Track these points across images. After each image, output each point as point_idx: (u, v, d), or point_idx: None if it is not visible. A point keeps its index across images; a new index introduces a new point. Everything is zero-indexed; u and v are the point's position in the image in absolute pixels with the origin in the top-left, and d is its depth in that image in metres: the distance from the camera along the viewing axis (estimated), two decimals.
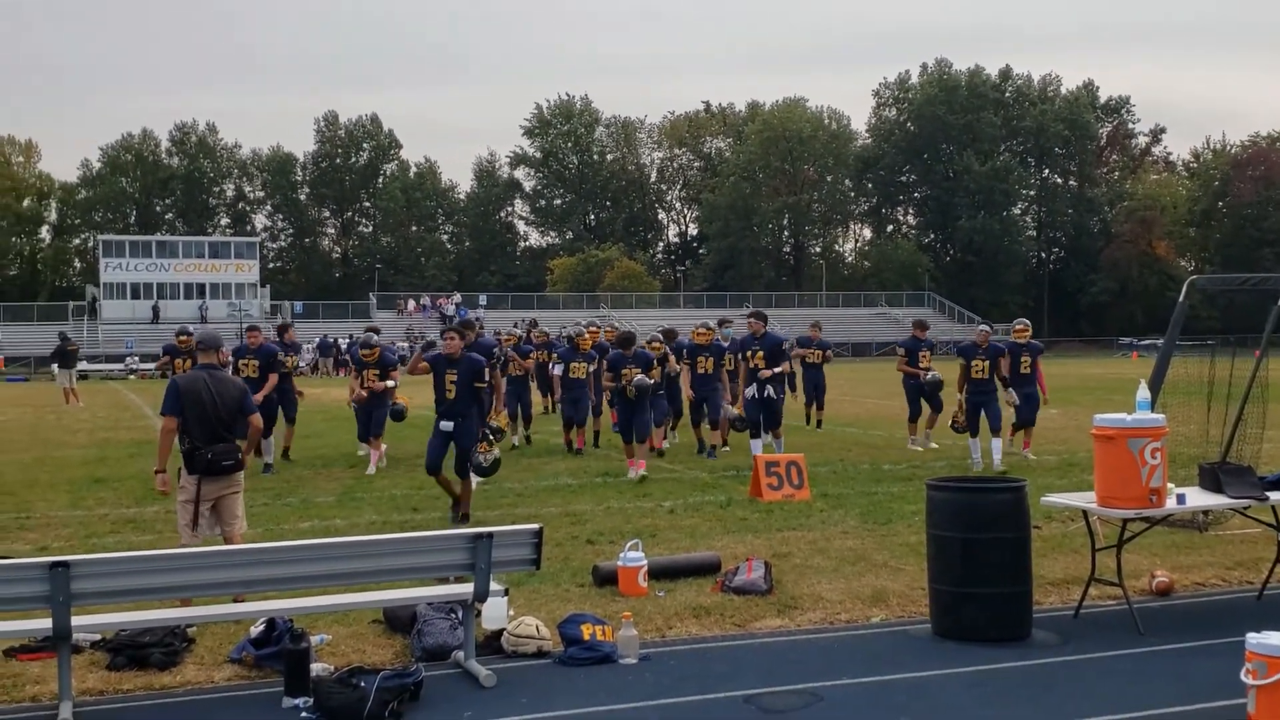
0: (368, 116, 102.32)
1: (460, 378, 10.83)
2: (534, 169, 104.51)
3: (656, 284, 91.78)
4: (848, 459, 15.93)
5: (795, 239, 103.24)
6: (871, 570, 8.81)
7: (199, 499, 7.81)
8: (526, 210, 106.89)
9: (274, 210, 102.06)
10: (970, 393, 15.15)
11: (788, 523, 10.91)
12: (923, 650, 6.79)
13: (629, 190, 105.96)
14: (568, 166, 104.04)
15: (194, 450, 7.78)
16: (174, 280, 77.45)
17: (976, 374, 15.18)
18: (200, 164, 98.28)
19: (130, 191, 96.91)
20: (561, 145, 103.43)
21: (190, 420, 7.79)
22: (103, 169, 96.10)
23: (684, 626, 7.31)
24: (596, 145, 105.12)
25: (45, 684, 6.19)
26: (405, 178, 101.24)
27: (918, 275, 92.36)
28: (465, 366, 10.88)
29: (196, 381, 7.90)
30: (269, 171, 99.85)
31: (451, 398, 10.86)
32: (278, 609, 6.52)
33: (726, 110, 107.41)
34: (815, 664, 6.50)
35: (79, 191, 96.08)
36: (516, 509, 11.94)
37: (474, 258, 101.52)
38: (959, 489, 7.23)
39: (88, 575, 5.67)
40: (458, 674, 6.40)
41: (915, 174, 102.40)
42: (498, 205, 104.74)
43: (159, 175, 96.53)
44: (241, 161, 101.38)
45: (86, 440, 20.84)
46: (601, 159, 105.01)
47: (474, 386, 10.90)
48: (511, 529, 6.66)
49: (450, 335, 11.06)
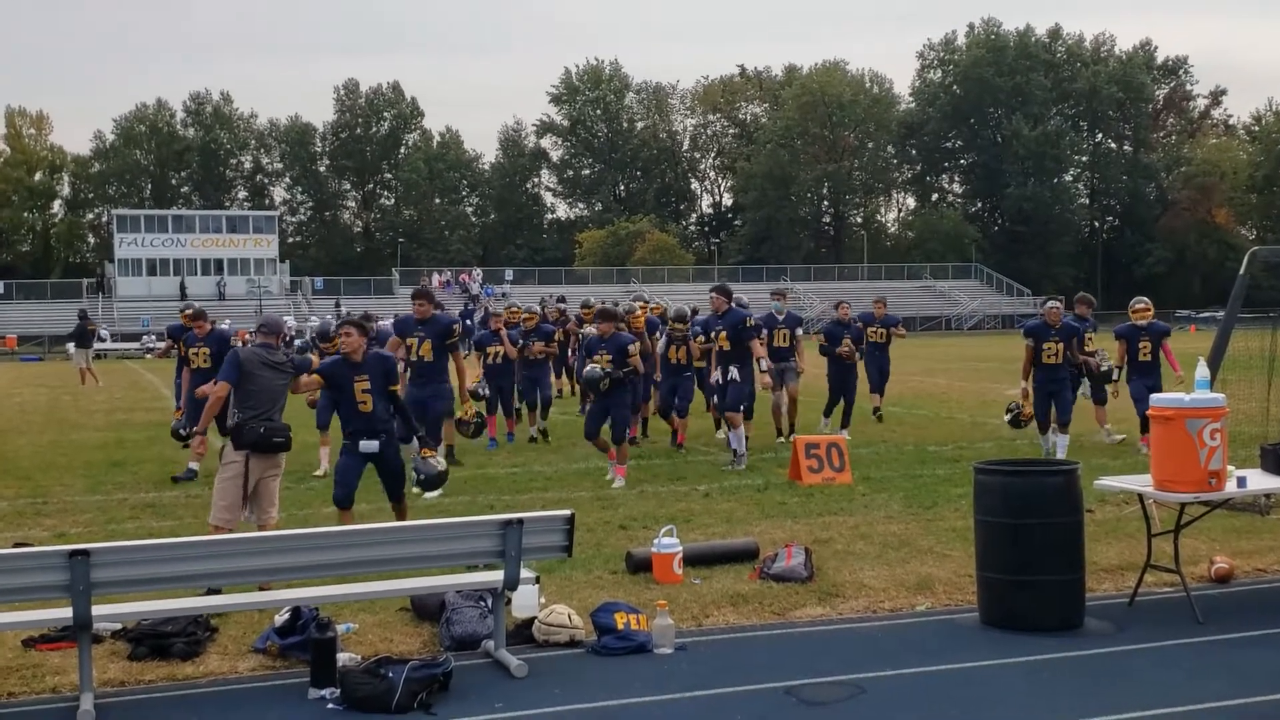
0: (389, 84, 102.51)
1: (374, 383, 8.86)
2: (561, 138, 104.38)
3: (690, 257, 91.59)
4: (891, 440, 15.89)
5: (835, 209, 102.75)
6: (916, 556, 8.81)
7: (247, 478, 7.94)
8: (554, 181, 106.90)
9: (293, 183, 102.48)
10: (1039, 380, 13.70)
11: (828, 507, 10.92)
12: (970, 640, 6.79)
13: (660, 159, 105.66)
14: (597, 135, 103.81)
15: (244, 424, 7.98)
16: (190, 256, 77.89)
17: (1048, 358, 13.62)
18: (216, 135, 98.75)
19: (145, 164, 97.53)
20: (590, 112, 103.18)
21: (243, 395, 8.07)
22: (116, 141, 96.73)
23: (721, 615, 7.34)
24: (626, 112, 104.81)
25: (65, 674, 6.29)
26: (428, 148, 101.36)
27: (964, 246, 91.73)
28: (375, 368, 8.93)
29: (255, 359, 8.24)
30: (287, 143, 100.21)
31: (368, 410, 8.84)
32: (303, 597, 6.59)
33: (763, 74, 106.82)
34: (858, 654, 6.52)
35: (92, 164, 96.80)
36: (546, 493, 12.00)
37: (499, 231, 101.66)
38: (1008, 472, 7.22)
39: (109, 564, 5.75)
40: (488, 664, 6.47)
41: (961, 140, 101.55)
42: (524, 176, 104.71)
43: (174, 147, 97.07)
44: (259, 132, 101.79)
45: (104, 422, 21.07)
46: (632, 127, 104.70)
47: (391, 391, 8.96)
48: (542, 515, 6.71)
49: (347, 331, 8.94)
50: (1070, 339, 13.79)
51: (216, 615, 7.04)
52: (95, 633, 6.29)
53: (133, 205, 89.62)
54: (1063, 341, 13.68)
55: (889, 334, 18.46)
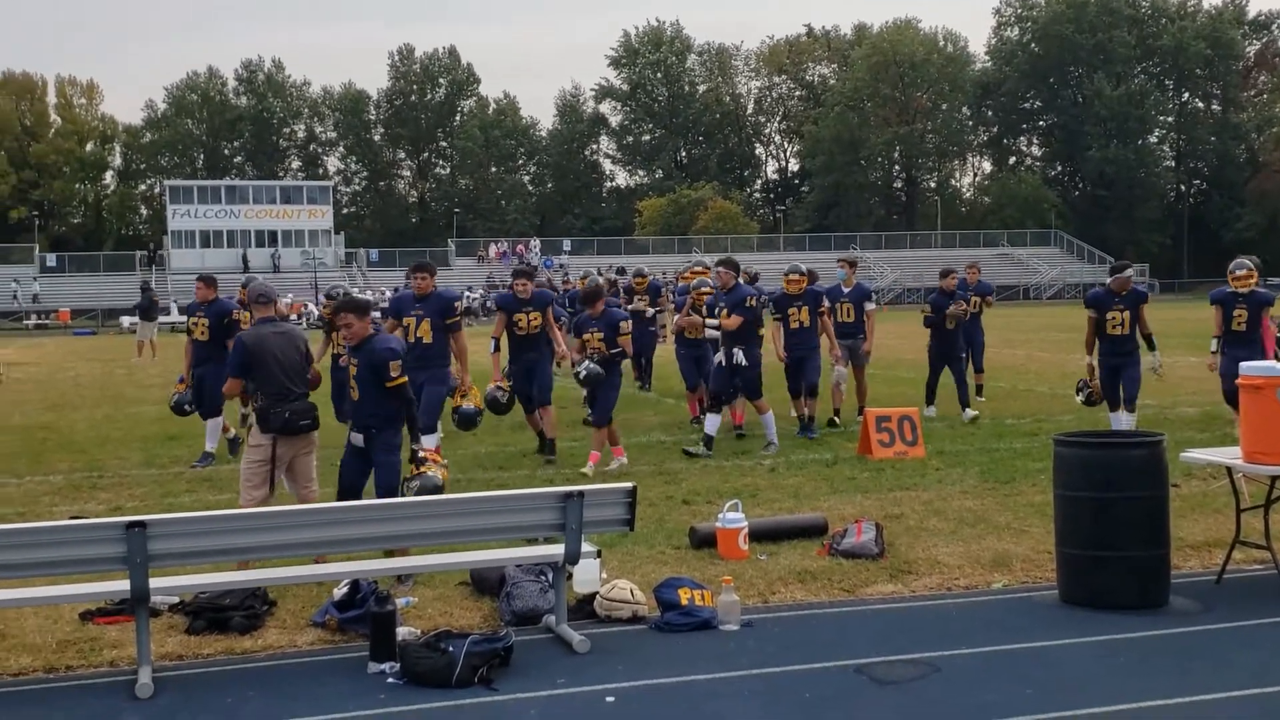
0: (444, 50, 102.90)
1: (361, 373, 7.96)
2: (621, 102, 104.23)
3: (754, 225, 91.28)
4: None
5: (907, 174, 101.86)
6: (993, 533, 8.76)
7: (274, 460, 8.01)
8: (613, 148, 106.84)
9: (346, 152, 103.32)
10: (1104, 353, 12.86)
11: (900, 482, 10.87)
12: (1049, 618, 6.75)
13: (724, 124, 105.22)
14: (657, 99, 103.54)
15: (268, 409, 7.99)
16: (244, 227, 78.84)
17: (1113, 329, 12.71)
18: (269, 103, 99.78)
19: (197, 134, 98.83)
20: (650, 76, 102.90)
21: (260, 379, 8.03)
22: (168, 110, 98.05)
23: (788, 592, 7.35)
24: (688, 75, 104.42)
25: (123, 648, 6.44)
26: (484, 115, 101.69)
27: (1043, 212, 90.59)
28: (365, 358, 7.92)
29: (263, 338, 8.13)
30: (341, 111, 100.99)
31: (356, 399, 8.08)
32: (362, 570, 6.69)
33: (831, 34, 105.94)
34: (931, 632, 6.50)
35: (143, 135, 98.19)
36: (609, 467, 12.04)
37: (557, 200, 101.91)
38: (1090, 444, 7.15)
39: (166, 535, 5.86)
40: (549, 639, 6.53)
41: (1040, 100, 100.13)
42: (582, 143, 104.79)
43: (226, 116, 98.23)
44: (312, 100, 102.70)
45: (159, 396, 21.39)
46: (693, 90, 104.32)
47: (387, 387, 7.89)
48: (603, 487, 6.75)
49: (346, 321, 8.02)
50: (1138, 307, 12.76)
51: (275, 589, 7.16)
52: (153, 606, 6.41)
53: (185, 176, 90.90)
54: (1129, 310, 12.68)
55: (982, 303, 17.13)
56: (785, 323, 14.10)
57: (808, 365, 13.98)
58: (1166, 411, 15.29)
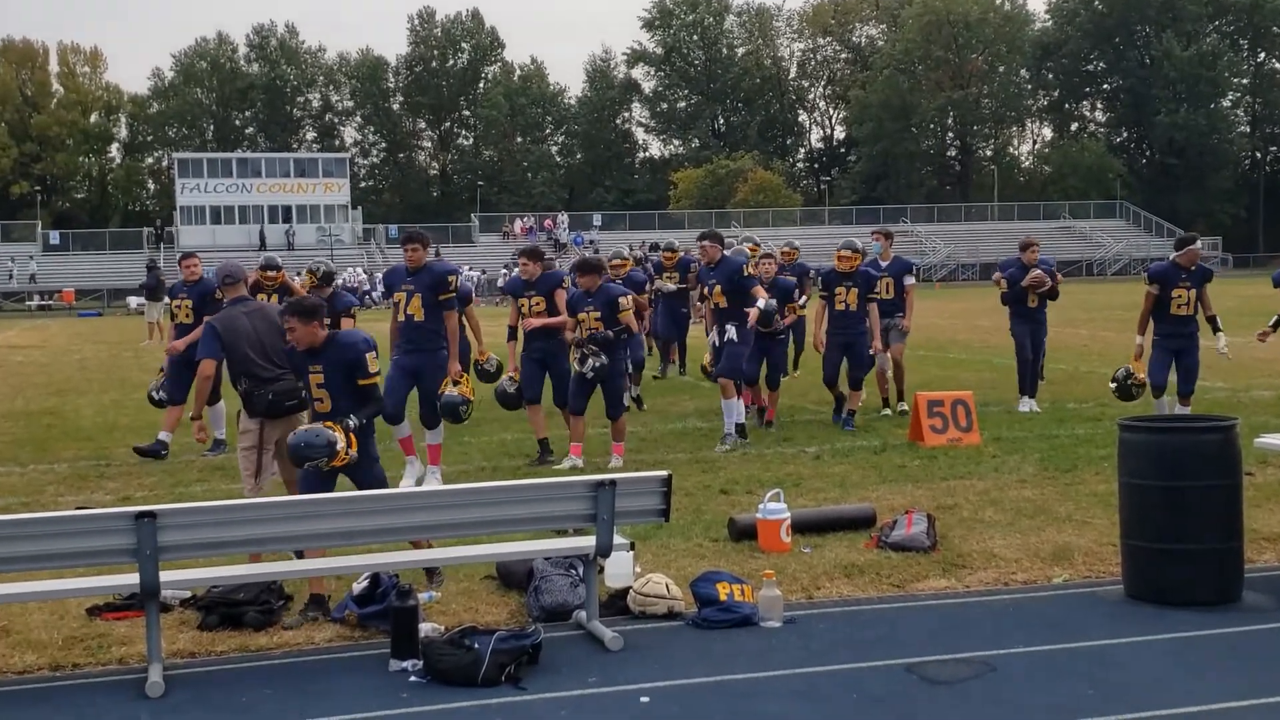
0: (467, 12, 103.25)
1: (330, 377, 7.24)
2: (654, 67, 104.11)
3: (797, 197, 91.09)
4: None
5: (961, 141, 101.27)
6: (1053, 524, 8.73)
7: (261, 445, 8.12)
8: (646, 115, 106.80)
9: (364, 122, 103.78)
10: (1162, 334, 12.31)
11: (954, 470, 10.85)
12: (1113, 615, 6.73)
13: (764, 89, 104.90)
14: (693, 63, 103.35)
15: (252, 392, 8.09)
16: (257, 202, 79.29)
17: (1178, 308, 12.15)
18: (282, 71, 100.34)
19: (206, 104, 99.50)
20: (686, 38, 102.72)
21: (237, 361, 8.12)
22: (175, 79, 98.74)
23: (834, 587, 7.36)
24: (726, 37, 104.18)
25: (132, 645, 6.50)
26: (509, 82, 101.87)
27: (1107, 182, 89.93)
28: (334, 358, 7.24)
29: (234, 319, 8.24)
30: (358, 78, 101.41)
31: (326, 410, 7.27)
32: (383, 563, 6.74)
33: None
34: (987, 630, 6.50)
35: (150, 104, 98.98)
36: (640, 454, 12.06)
37: (586, 172, 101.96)
38: (1158, 429, 7.12)
39: (177, 526, 5.92)
40: (580, 636, 6.56)
41: (1104, 62, 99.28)
42: (613, 111, 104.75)
43: (237, 84, 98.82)
44: (327, 67, 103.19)
45: None
46: (732, 53, 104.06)
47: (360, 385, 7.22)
48: (637, 475, 6.77)
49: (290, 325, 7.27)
50: (1203, 285, 12.23)
51: (291, 583, 7.22)
52: (163, 601, 6.49)
53: (194, 148, 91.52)
54: (1196, 288, 12.15)
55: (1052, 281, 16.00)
56: (830, 303, 13.60)
57: (853, 353, 13.53)
58: (1240, 395, 15.16)
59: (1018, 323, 14.51)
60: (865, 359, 13.64)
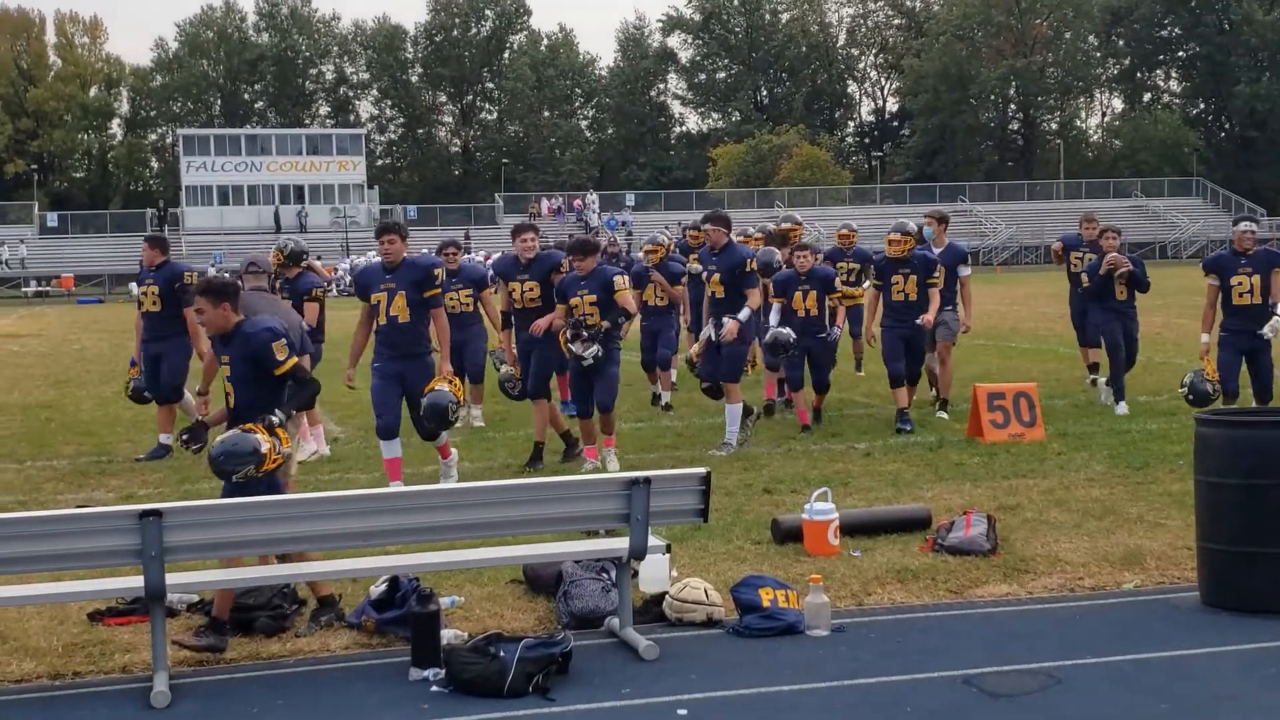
0: None
1: (235, 369, 7.10)
2: (692, 35, 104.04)
3: (846, 175, 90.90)
4: (1092, 390, 15.60)
5: (1024, 114, 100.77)
6: (1123, 526, 8.70)
7: None
8: (682, 87, 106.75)
9: (381, 96, 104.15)
10: (1227, 328, 11.92)
11: (1016, 468, 10.81)
12: (1188, 623, 6.72)
13: (811, 58, 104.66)
14: (734, 30, 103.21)
15: None
16: (267, 182, 79.78)
17: (1239, 298, 11.79)
18: (293, 41, 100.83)
19: (213, 76, 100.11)
20: (726, 4, 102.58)
21: None
22: (180, 50, 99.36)
23: (886, 593, 7.35)
24: (770, 2, 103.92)
25: (137, 652, 6.57)
26: (535, 52, 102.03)
27: (1183, 157, 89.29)
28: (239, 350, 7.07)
29: (256, 309, 8.38)
30: (374, 49, 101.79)
31: (232, 406, 7.14)
32: (402, 565, 6.77)
33: None
34: (1051, 639, 6.49)
35: (153, 77, 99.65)
36: (677, 451, 12.09)
37: (619, 148, 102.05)
38: (1239, 423, 7.08)
39: (184, 525, 5.97)
40: (612, 644, 6.58)
41: (1180, 27, 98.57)
42: (647, 82, 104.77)
43: (245, 56, 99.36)
44: (341, 37, 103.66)
45: None
46: (776, 19, 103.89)
47: (274, 378, 7.03)
48: (673, 473, 6.77)
49: (199, 308, 7.27)
50: (1270, 271, 11.79)
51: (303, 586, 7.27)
52: (169, 605, 6.54)
53: (200, 124, 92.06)
54: (1259, 274, 11.73)
55: None
56: (886, 293, 13.10)
57: (913, 347, 13.12)
58: None
59: (1104, 315, 13.88)
60: (924, 354, 13.46)
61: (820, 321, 13.12)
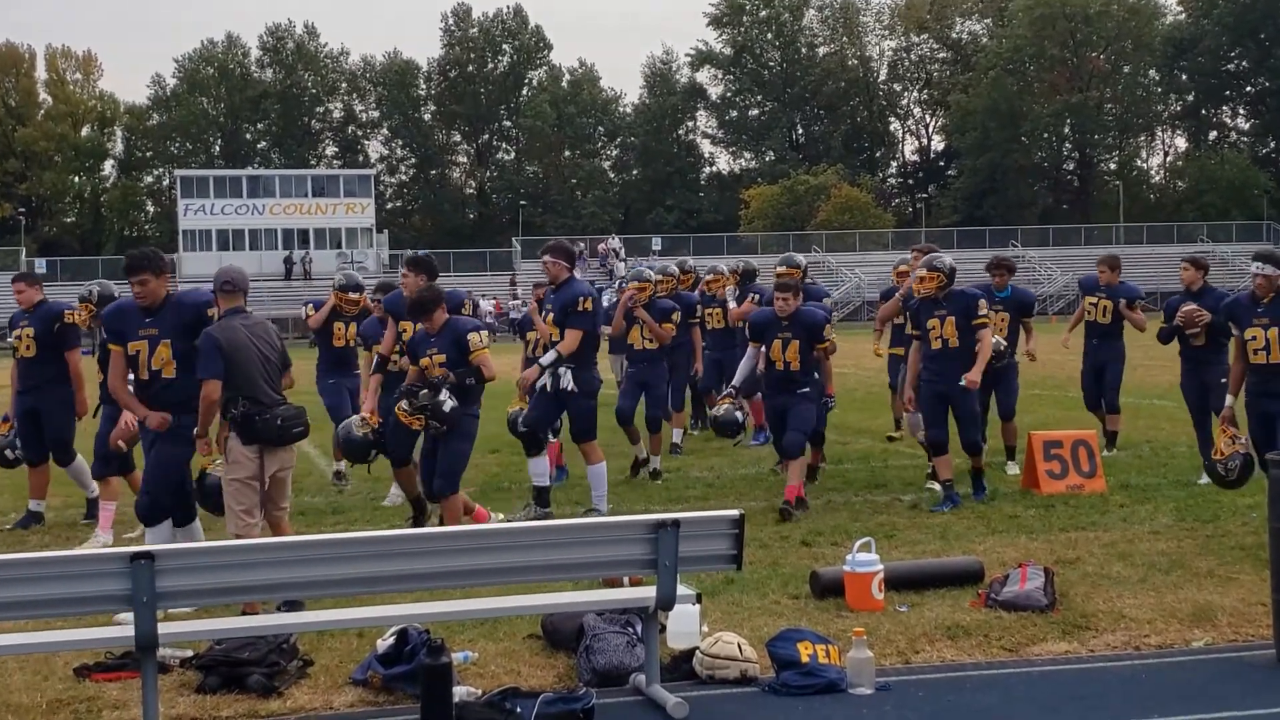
0: (509, 10, 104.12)
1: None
2: (723, 70, 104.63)
3: (889, 218, 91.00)
4: (1156, 440, 15.56)
5: (1080, 153, 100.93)
6: (1192, 580, 8.66)
7: (262, 476, 8.28)
8: (713, 125, 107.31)
9: (391, 135, 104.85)
10: (1251, 391, 10.33)
11: (1075, 520, 10.81)
12: (1263, 683, 6.69)
13: (850, 94, 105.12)
14: (768, 65, 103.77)
15: (252, 415, 8.23)
16: (269, 226, 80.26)
17: (1256, 353, 10.17)
18: (299, 77, 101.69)
19: (213, 114, 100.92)
20: (759, 37, 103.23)
21: (240, 380, 8.29)
22: (179, 87, 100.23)
23: (935, 650, 7.32)
24: (805, 35, 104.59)
25: (127, 709, 6.55)
26: (556, 88, 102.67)
27: (1252, 199, 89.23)
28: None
29: (235, 332, 8.39)
30: (385, 85, 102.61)
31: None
32: (412, 614, 6.75)
33: None
34: (1115, 699, 6.46)
35: (150, 116, 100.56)
36: (707, 502, 12.10)
37: (644, 189, 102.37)
38: None
39: (178, 570, 5.96)
40: (638, 702, 6.56)
41: (1248, 60, 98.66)
42: (675, 120, 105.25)
43: (248, 93, 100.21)
44: (350, 73, 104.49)
45: None
46: (812, 53, 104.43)
47: None
48: (703, 515, 6.77)
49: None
50: None
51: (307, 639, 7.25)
52: (161, 660, 6.52)
53: (199, 165, 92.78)
54: (1276, 325, 10.10)
55: (1117, 310, 14.52)
56: (925, 341, 11.85)
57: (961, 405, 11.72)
58: None
59: (1190, 376, 12.77)
60: (974, 414, 12.03)
61: (802, 377, 11.77)
